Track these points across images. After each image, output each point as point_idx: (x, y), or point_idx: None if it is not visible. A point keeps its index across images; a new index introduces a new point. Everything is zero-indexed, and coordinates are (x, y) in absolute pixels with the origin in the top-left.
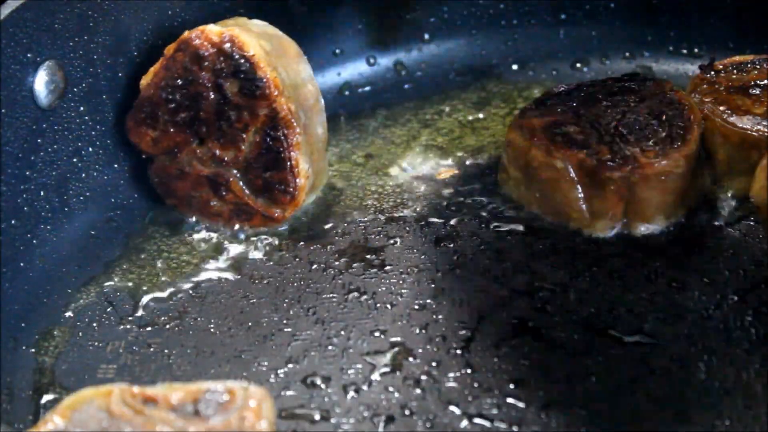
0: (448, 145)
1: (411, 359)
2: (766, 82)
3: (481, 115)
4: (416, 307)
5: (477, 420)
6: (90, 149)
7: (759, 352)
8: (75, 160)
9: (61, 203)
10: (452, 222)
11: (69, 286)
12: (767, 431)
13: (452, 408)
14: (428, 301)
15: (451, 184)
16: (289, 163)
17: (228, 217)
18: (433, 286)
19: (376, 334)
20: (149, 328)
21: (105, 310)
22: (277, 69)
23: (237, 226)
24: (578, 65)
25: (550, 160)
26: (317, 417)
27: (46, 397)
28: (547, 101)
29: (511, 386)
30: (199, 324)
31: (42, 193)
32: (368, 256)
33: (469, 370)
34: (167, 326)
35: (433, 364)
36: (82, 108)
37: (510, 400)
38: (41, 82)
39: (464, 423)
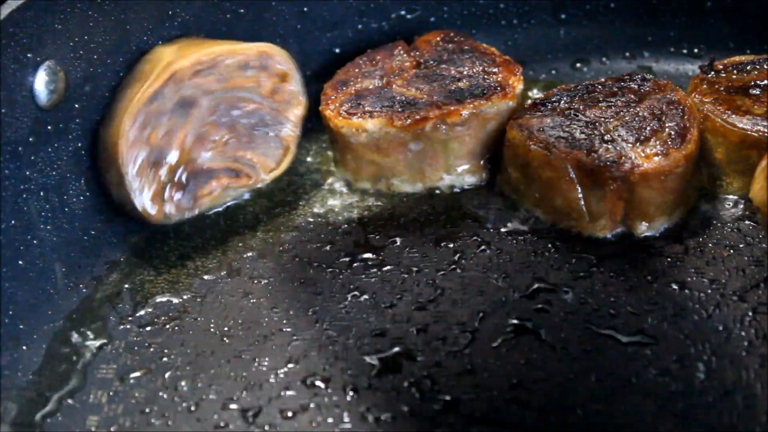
0: None
1: (411, 359)
2: (766, 82)
3: None
4: (416, 307)
5: (477, 420)
6: (90, 149)
7: (759, 352)
8: (75, 160)
9: (61, 203)
10: (452, 222)
11: (69, 286)
12: (767, 431)
13: (452, 408)
14: (428, 301)
15: (451, 183)
16: None
17: None
18: (433, 286)
19: (376, 334)
20: (149, 328)
21: (105, 310)
22: None
23: None
24: (578, 65)
25: (550, 160)
26: (317, 417)
27: (46, 398)
28: (547, 101)
29: (511, 386)
30: (199, 324)
31: (42, 193)
32: (368, 256)
33: (469, 370)
34: (167, 326)
35: (433, 364)
36: (82, 108)
37: (510, 400)
38: (41, 82)
39: (464, 423)
